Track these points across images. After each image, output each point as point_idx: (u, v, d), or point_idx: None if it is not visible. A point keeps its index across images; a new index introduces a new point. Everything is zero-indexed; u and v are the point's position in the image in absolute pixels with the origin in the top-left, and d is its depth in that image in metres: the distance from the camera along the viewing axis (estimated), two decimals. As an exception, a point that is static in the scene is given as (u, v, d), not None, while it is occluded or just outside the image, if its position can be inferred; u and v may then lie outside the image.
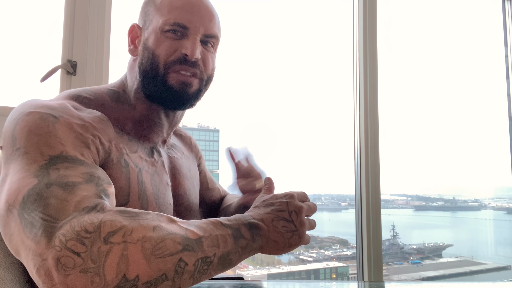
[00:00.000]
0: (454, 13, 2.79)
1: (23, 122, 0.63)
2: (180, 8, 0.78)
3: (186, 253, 0.52)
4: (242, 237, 0.60)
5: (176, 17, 0.77)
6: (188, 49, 0.77)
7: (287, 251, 0.66)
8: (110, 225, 0.50)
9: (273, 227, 0.64)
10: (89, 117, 0.70)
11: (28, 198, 0.53)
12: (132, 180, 0.74)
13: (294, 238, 0.65)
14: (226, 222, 0.60)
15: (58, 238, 0.49)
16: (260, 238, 0.63)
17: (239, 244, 0.60)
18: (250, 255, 0.63)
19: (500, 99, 2.55)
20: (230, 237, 0.59)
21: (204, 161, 1.10)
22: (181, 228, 0.55)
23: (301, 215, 0.67)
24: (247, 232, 0.61)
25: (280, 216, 0.66)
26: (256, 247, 0.63)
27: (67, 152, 0.61)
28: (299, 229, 0.66)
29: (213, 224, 0.59)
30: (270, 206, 0.68)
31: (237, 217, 0.63)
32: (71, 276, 0.46)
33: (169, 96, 0.78)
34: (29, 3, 1.59)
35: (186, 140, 1.04)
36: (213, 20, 0.81)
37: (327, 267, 3.24)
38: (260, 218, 0.65)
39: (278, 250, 0.65)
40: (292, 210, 0.67)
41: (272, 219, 0.65)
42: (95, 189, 0.57)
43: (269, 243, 0.64)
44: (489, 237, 3.26)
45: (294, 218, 0.66)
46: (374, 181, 1.90)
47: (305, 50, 2.79)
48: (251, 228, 0.62)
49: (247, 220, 0.63)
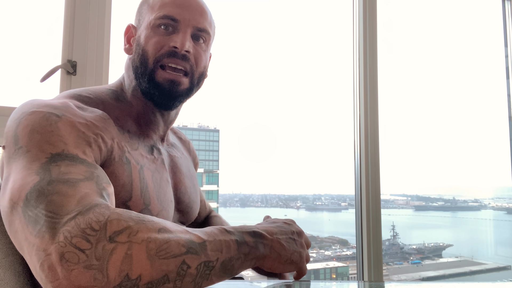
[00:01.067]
0: (454, 13, 2.79)
1: (26, 121, 0.63)
2: (171, 3, 0.79)
3: (190, 256, 0.53)
4: (245, 244, 0.61)
5: (166, 11, 0.78)
6: (178, 42, 0.77)
7: (288, 267, 0.67)
8: (116, 224, 0.51)
9: (277, 239, 0.66)
10: (91, 116, 0.70)
11: (31, 196, 0.54)
12: (134, 177, 0.74)
13: (296, 255, 0.67)
14: (230, 229, 0.61)
15: (63, 234, 0.49)
16: (264, 246, 0.64)
17: (242, 251, 0.60)
18: (252, 264, 0.63)
19: (500, 99, 2.55)
20: (234, 243, 0.59)
21: (197, 170, 1.10)
22: (186, 232, 0.56)
23: (302, 238, 0.70)
24: (251, 239, 0.62)
25: (283, 231, 0.68)
26: (259, 256, 0.63)
27: (69, 150, 0.62)
28: (300, 249, 0.69)
29: (218, 230, 0.60)
30: (273, 223, 0.70)
31: (241, 226, 0.64)
32: (75, 271, 0.47)
33: (157, 94, 0.78)
34: (29, 3, 1.59)
35: (186, 144, 1.04)
36: (204, 15, 0.82)
37: (327, 267, 3.24)
38: (264, 229, 0.66)
39: (280, 263, 0.66)
40: (294, 231, 0.70)
41: (276, 232, 0.67)
42: (96, 187, 0.58)
43: (272, 253, 0.65)
44: (489, 237, 3.26)
45: (296, 238, 0.69)
46: (374, 181, 1.90)
47: (305, 50, 2.79)
48: (255, 236, 0.63)
49: (251, 228, 0.64)
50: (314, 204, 3.42)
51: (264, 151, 3.09)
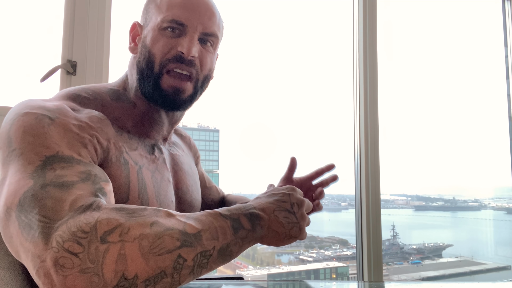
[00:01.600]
0: (454, 13, 2.79)
1: (18, 122, 0.63)
2: (179, 5, 0.77)
3: (185, 249, 0.52)
4: (242, 228, 0.60)
5: (174, 14, 0.77)
6: (184, 47, 0.76)
7: (287, 242, 0.67)
8: (106, 224, 0.50)
9: (275, 217, 0.65)
10: (86, 117, 0.70)
11: (25, 200, 0.53)
12: (132, 178, 0.73)
13: (295, 230, 0.66)
14: (225, 213, 0.60)
15: (55, 239, 0.48)
16: (261, 228, 0.63)
17: (239, 235, 0.59)
18: (250, 245, 0.62)
19: (500, 99, 2.55)
20: (230, 229, 0.58)
21: (200, 161, 1.10)
22: (179, 222, 0.55)
23: (302, 208, 0.68)
24: (247, 222, 0.61)
25: (282, 206, 0.66)
26: (256, 237, 0.63)
27: (63, 152, 0.61)
28: (300, 222, 0.67)
29: (212, 216, 0.59)
30: (272, 197, 0.68)
31: (238, 207, 0.63)
32: (70, 277, 0.46)
33: (161, 99, 0.78)
34: (29, 3, 1.59)
35: (186, 140, 1.04)
36: (213, 18, 0.80)
37: (327, 267, 3.24)
38: (262, 208, 0.65)
39: (278, 240, 0.65)
40: (294, 202, 0.68)
41: (273, 209, 0.65)
42: (91, 188, 0.57)
43: (270, 233, 0.64)
44: (489, 237, 3.26)
45: (296, 210, 0.67)
46: (374, 181, 1.90)
47: (305, 50, 2.79)
48: (252, 218, 0.62)
49: (248, 210, 0.63)
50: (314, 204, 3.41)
51: (264, 151, 3.09)
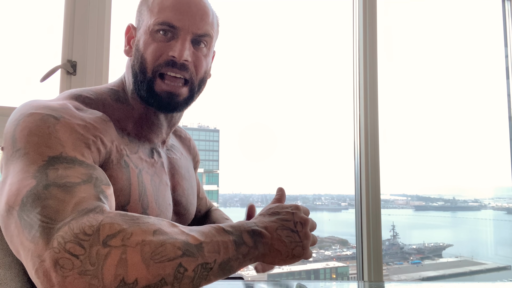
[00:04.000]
0: (454, 13, 2.79)
1: (24, 123, 0.63)
2: (170, 7, 0.76)
3: (186, 258, 0.52)
4: (244, 244, 0.59)
5: (165, 17, 0.75)
6: (176, 51, 0.75)
7: (289, 262, 0.65)
8: (109, 228, 0.50)
9: (277, 236, 0.63)
10: (90, 118, 0.70)
11: (27, 200, 0.53)
12: (133, 181, 0.73)
13: (298, 250, 0.64)
14: (228, 229, 0.60)
15: (57, 239, 0.48)
16: (263, 245, 0.62)
17: (241, 251, 0.59)
18: (252, 262, 0.62)
19: (500, 99, 2.55)
20: (232, 244, 0.58)
21: (198, 166, 1.09)
22: (182, 233, 0.54)
23: (306, 227, 0.66)
24: (250, 239, 0.60)
25: (285, 225, 0.65)
26: (258, 255, 0.62)
27: (67, 152, 0.61)
28: (303, 241, 0.65)
29: (215, 230, 0.58)
30: (275, 215, 0.67)
31: (240, 224, 0.62)
32: (69, 278, 0.46)
33: (156, 103, 0.77)
34: (29, 3, 1.59)
35: (186, 142, 1.03)
36: (205, 17, 0.78)
37: (327, 267, 3.24)
38: (264, 226, 0.64)
39: (281, 260, 0.64)
40: (298, 221, 0.66)
41: (276, 228, 0.64)
42: (93, 191, 0.57)
43: (272, 251, 0.63)
44: (489, 237, 3.26)
45: (299, 229, 0.65)
46: (374, 181, 1.90)
47: (305, 51, 2.79)
48: (254, 235, 0.61)
49: (251, 227, 0.62)
50: (314, 204, 3.42)
51: (264, 151, 3.09)
